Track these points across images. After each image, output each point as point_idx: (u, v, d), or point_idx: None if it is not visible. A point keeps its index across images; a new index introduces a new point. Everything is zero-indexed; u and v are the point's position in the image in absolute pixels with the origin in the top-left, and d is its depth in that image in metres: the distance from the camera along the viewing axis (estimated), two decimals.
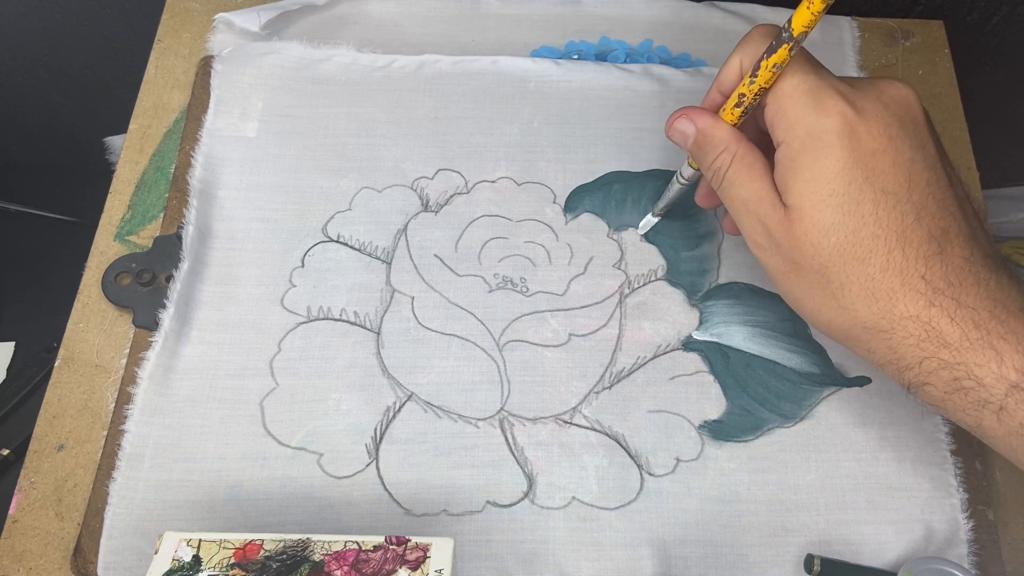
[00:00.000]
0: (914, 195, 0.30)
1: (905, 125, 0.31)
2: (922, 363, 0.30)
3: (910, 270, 0.30)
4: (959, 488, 0.37)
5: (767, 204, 0.32)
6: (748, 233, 0.33)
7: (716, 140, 0.34)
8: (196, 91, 0.46)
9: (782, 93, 0.31)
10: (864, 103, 0.31)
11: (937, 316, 0.30)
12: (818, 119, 0.30)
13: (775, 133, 0.32)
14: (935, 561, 0.34)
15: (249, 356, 0.39)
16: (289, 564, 0.29)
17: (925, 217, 0.30)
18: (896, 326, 0.30)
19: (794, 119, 0.31)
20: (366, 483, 0.37)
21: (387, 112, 0.46)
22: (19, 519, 0.37)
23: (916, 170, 0.31)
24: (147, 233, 0.44)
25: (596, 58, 0.49)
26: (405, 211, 0.43)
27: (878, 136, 0.30)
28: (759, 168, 0.33)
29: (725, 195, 0.34)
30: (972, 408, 0.30)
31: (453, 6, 0.51)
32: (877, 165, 0.30)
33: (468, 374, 0.39)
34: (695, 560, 0.36)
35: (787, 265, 0.32)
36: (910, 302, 0.30)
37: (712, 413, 0.39)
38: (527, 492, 0.37)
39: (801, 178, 0.31)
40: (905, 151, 0.31)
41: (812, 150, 0.30)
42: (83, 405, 0.39)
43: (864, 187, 0.30)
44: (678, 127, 0.35)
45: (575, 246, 0.43)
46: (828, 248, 0.30)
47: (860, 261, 0.30)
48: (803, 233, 0.31)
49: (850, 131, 0.30)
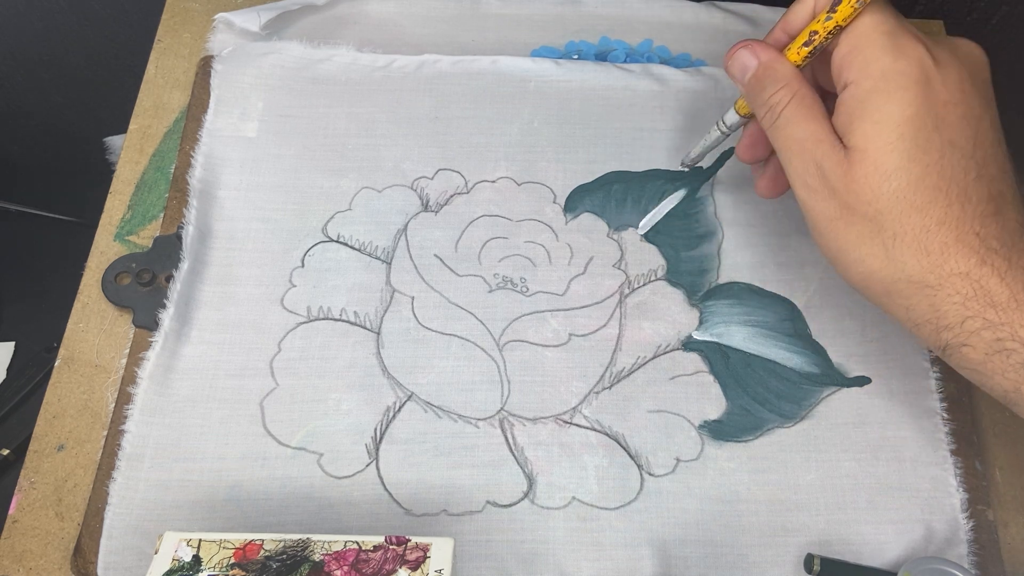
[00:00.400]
0: (978, 152, 0.30)
1: (977, 83, 0.31)
2: (964, 322, 0.30)
3: (967, 226, 0.29)
4: (959, 488, 0.37)
5: (826, 144, 0.31)
6: (799, 174, 0.32)
7: (778, 75, 0.33)
8: (196, 91, 0.46)
9: (860, 32, 0.31)
10: (940, 54, 0.30)
11: (988, 275, 0.29)
12: (895, 61, 0.30)
13: (845, 73, 0.31)
14: (935, 561, 0.34)
15: (249, 356, 0.39)
16: (289, 564, 0.29)
17: (986, 176, 0.30)
18: (944, 282, 0.30)
19: (870, 58, 0.30)
20: (366, 483, 0.37)
21: (387, 112, 0.46)
22: (19, 519, 0.37)
23: (983, 128, 0.30)
24: (147, 233, 0.44)
25: (596, 58, 0.49)
26: (405, 211, 0.43)
27: (952, 88, 0.30)
28: (817, 109, 0.32)
29: (779, 134, 0.33)
30: (1012, 371, 0.29)
31: (453, 6, 0.51)
32: (948, 116, 0.30)
33: (468, 374, 0.39)
34: (695, 560, 0.36)
35: (838, 210, 0.31)
36: (962, 258, 0.29)
37: (712, 413, 0.39)
38: (527, 492, 0.37)
39: (869, 119, 0.30)
40: (975, 107, 0.30)
41: (885, 92, 0.30)
42: (83, 405, 0.39)
43: (933, 136, 0.29)
44: (739, 59, 0.34)
45: (575, 246, 0.43)
46: (888, 193, 0.30)
47: (918, 211, 0.29)
48: (863, 176, 0.30)
49: (926, 78, 0.30)
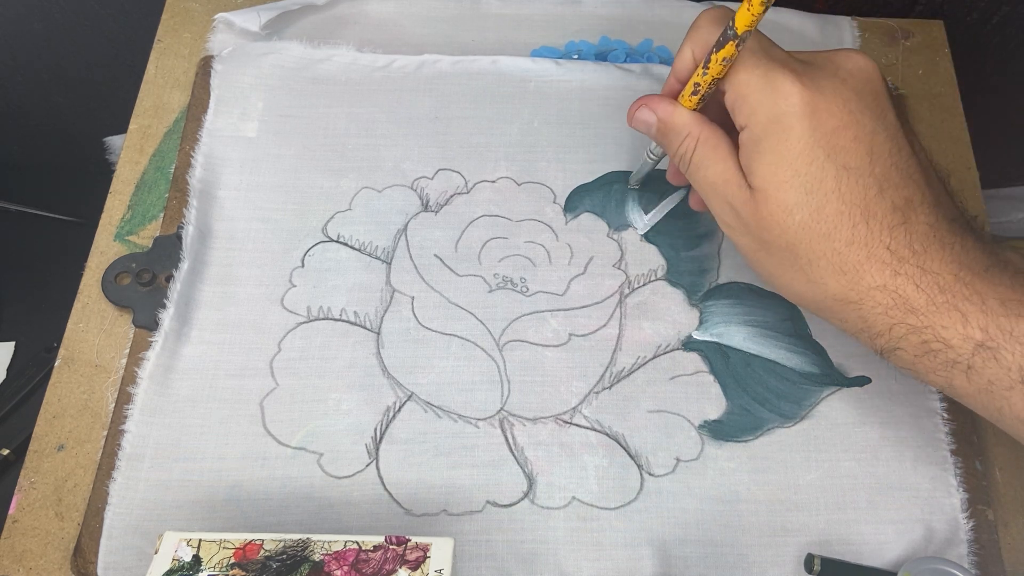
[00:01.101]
0: (876, 168, 0.31)
1: (864, 97, 0.31)
2: (891, 329, 0.31)
3: (875, 242, 0.30)
4: (959, 488, 0.37)
5: (733, 186, 0.33)
6: (717, 213, 0.34)
7: (678, 127, 0.34)
8: (196, 91, 0.46)
9: (738, 81, 0.32)
10: (822, 80, 0.31)
11: (903, 284, 0.30)
12: (776, 102, 0.31)
13: (737, 118, 0.32)
14: (935, 561, 0.34)
15: (249, 356, 0.39)
16: (289, 564, 0.29)
17: (888, 188, 0.31)
18: (864, 297, 0.31)
19: (754, 104, 0.31)
20: (366, 483, 0.37)
21: (387, 112, 0.46)
22: (19, 519, 0.37)
23: (878, 142, 0.31)
24: (147, 233, 0.44)
25: (596, 58, 0.49)
26: (405, 211, 0.43)
27: (837, 112, 0.31)
28: (723, 150, 0.33)
29: (693, 178, 0.35)
30: (942, 369, 0.30)
31: (453, 6, 0.51)
32: (838, 142, 0.31)
33: (468, 374, 0.39)
34: (695, 560, 0.36)
35: (756, 244, 0.33)
36: (876, 273, 0.30)
37: (712, 413, 0.39)
38: (527, 492, 0.37)
39: (764, 161, 0.31)
40: (866, 124, 0.31)
41: (774, 133, 0.31)
42: (83, 405, 0.39)
43: (826, 165, 0.31)
44: (640, 116, 0.36)
45: (575, 246, 0.43)
46: (794, 227, 0.31)
47: (825, 237, 0.31)
48: (769, 214, 0.31)
49: (810, 111, 0.30)
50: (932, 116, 0.48)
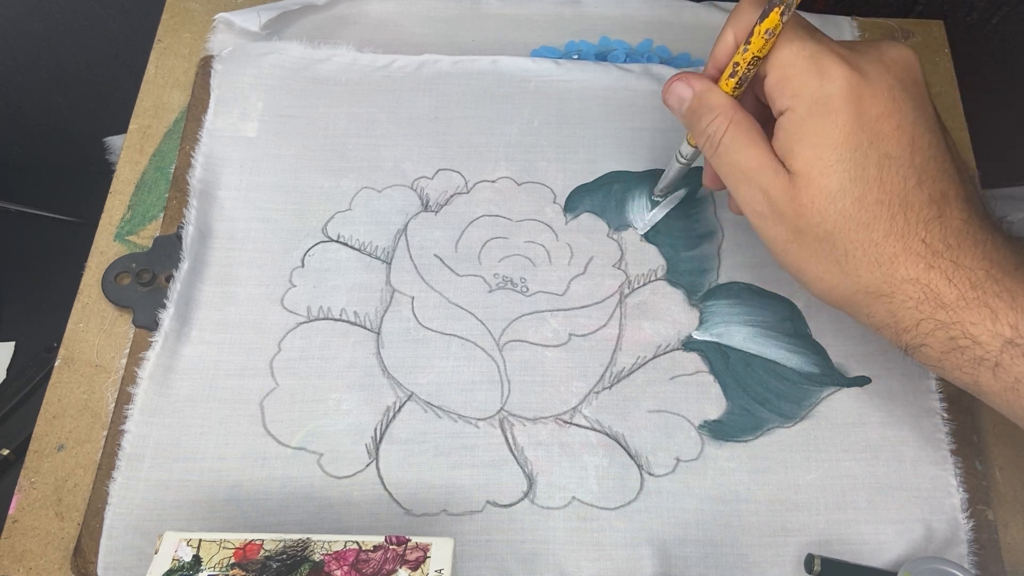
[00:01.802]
0: (916, 159, 0.30)
1: (907, 87, 0.31)
2: (919, 324, 0.31)
3: (911, 234, 0.30)
4: (959, 488, 0.37)
5: (769, 171, 0.32)
6: (747, 202, 0.33)
7: (712, 104, 0.34)
8: (196, 91, 0.46)
9: (783, 61, 0.31)
10: (867, 66, 0.31)
11: (936, 278, 0.30)
12: (823, 84, 0.30)
13: (778, 100, 0.32)
14: (935, 561, 0.34)
15: (249, 356, 0.39)
16: (289, 564, 0.29)
17: (926, 181, 0.30)
18: (896, 290, 0.31)
19: (798, 85, 0.31)
20: (366, 483, 0.37)
21: (387, 112, 0.46)
22: (19, 519, 0.37)
23: (918, 133, 0.31)
24: (147, 233, 0.44)
25: (596, 58, 0.49)
26: (405, 211, 0.43)
27: (882, 99, 0.30)
28: (756, 135, 0.33)
29: (721, 162, 0.33)
30: (968, 366, 0.30)
31: (453, 6, 0.51)
32: (881, 129, 0.30)
33: (468, 374, 0.39)
34: (695, 560, 0.36)
35: (790, 233, 0.32)
36: (911, 265, 0.30)
37: (712, 413, 0.39)
38: (527, 492, 0.37)
39: (807, 143, 0.31)
40: (908, 114, 0.31)
41: (818, 115, 0.30)
42: (83, 405, 0.39)
43: (869, 152, 0.30)
44: (675, 90, 0.35)
45: (575, 246, 0.43)
46: (834, 214, 0.31)
47: (865, 227, 0.30)
48: (809, 200, 0.31)
49: (855, 95, 0.30)
50: None
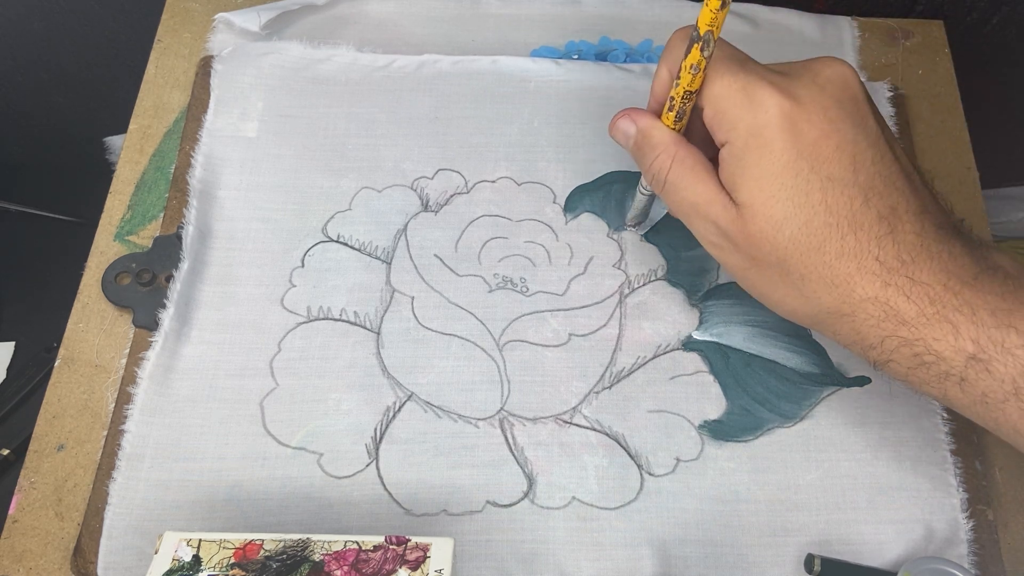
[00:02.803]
0: (860, 177, 0.30)
1: (844, 105, 0.31)
2: (883, 342, 0.31)
3: (864, 253, 0.30)
4: (959, 488, 0.37)
5: (717, 205, 0.32)
6: (702, 235, 0.34)
7: (654, 141, 0.34)
8: (196, 91, 0.46)
9: (716, 94, 0.31)
10: (800, 90, 0.31)
11: (893, 295, 0.30)
12: (756, 115, 0.30)
13: (717, 133, 0.32)
14: (935, 561, 0.34)
15: (249, 356, 0.39)
16: (289, 564, 0.29)
17: (873, 198, 0.30)
18: (856, 309, 0.31)
19: (734, 119, 0.31)
20: (366, 483, 0.37)
21: (387, 112, 0.46)
22: (19, 519, 0.37)
23: (860, 150, 0.31)
24: (147, 233, 0.44)
25: (596, 58, 0.49)
26: (405, 211, 0.43)
27: (818, 122, 0.30)
28: (701, 170, 0.33)
29: (670, 199, 0.34)
30: (935, 381, 0.30)
31: (453, 6, 0.51)
32: (821, 152, 0.30)
33: (468, 374, 0.39)
34: (695, 560, 0.36)
35: (746, 262, 0.32)
36: (867, 284, 0.30)
37: (712, 413, 0.39)
38: (527, 492, 0.37)
39: (749, 176, 0.31)
40: (847, 132, 0.31)
41: (756, 148, 0.31)
42: (83, 405, 0.39)
43: (811, 176, 0.30)
44: (620, 127, 0.36)
45: (575, 246, 0.43)
46: (784, 242, 0.31)
47: (816, 250, 0.30)
48: (758, 230, 0.31)
49: (790, 122, 0.30)
50: (932, 116, 0.48)
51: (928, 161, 0.47)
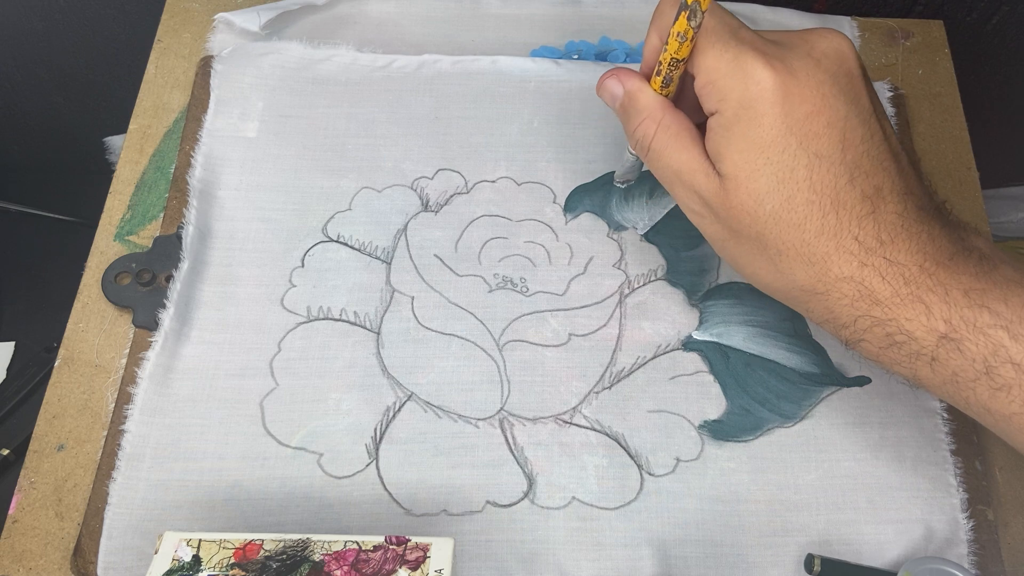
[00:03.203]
0: (848, 155, 0.30)
1: (839, 80, 0.31)
2: (856, 321, 0.31)
3: (844, 232, 0.30)
4: (959, 488, 0.37)
5: (700, 174, 0.32)
6: (683, 202, 0.34)
7: (640, 105, 0.34)
8: (196, 91, 0.46)
9: (707, 64, 0.31)
10: (795, 62, 0.30)
11: (869, 276, 0.30)
12: (747, 87, 0.30)
13: (706, 103, 0.32)
14: (935, 561, 0.34)
15: (249, 356, 0.39)
16: (289, 564, 0.29)
17: (859, 177, 0.30)
18: (831, 288, 0.31)
19: (724, 89, 0.31)
20: (366, 483, 0.37)
21: (387, 112, 0.46)
22: (19, 519, 0.37)
23: (850, 127, 0.30)
24: (147, 233, 0.44)
25: (596, 58, 0.49)
26: (405, 211, 0.43)
27: (811, 97, 0.30)
28: (686, 137, 0.32)
29: (653, 165, 0.34)
30: (907, 361, 0.30)
31: (453, 6, 0.51)
32: (811, 128, 0.30)
33: (468, 374, 0.39)
34: (695, 560, 0.36)
35: (725, 232, 0.32)
36: (844, 264, 0.30)
37: (712, 413, 0.39)
38: (527, 492, 0.37)
39: (735, 147, 0.31)
40: (839, 109, 0.30)
41: (744, 119, 0.30)
42: (83, 405, 0.39)
43: (798, 153, 0.30)
44: (608, 87, 0.35)
45: (575, 246, 0.43)
46: (764, 216, 0.31)
47: (795, 227, 0.30)
48: (739, 202, 0.31)
49: (782, 96, 0.30)
50: (932, 116, 0.48)
51: (928, 161, 0.47)
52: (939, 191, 0.33)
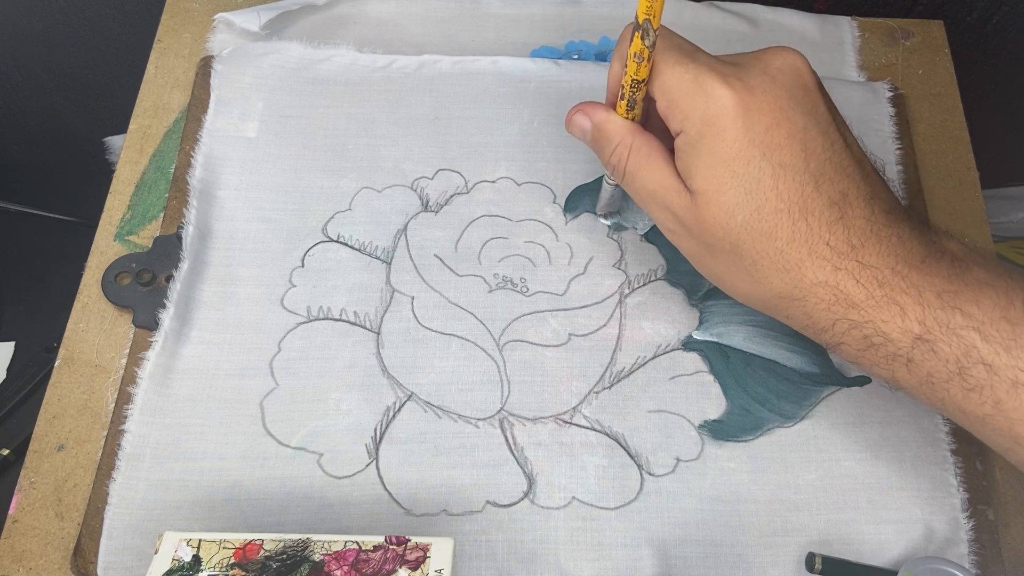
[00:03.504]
0: (811, 164, 0.31)
1: (795, 94, 0.31)
2: (834, 325, 0.31)
3: (815, 238, 0.31)
4: (959, 488, 0.37)
5: (672, 192, 0.33)
6: (659, 221, 0.34)
7: (610, 133, 0.34)
8: (196, 91, 0.46)
9: (667, 86, 0.32)
10: (751, 80, 0.31)
11: (843, 279, 0.30)
12: (708, 105, 0.31)
13: (671, 124, 0.33)
14: (935, 561, 0.34)
15: (249, 356, 0.39)
16: (289, 564, 0.29)
17: (824, 184, 0.31)
18: (807, 293, 0.31)
19: (686, 109, 0.31)
20: (366, 483, 0.37)
21: (387, 112, 0.46)
22: (19, 519, 0.37)
23: (810, 137, 0.31)
24: (147, 233, 0.44)
25: (596, 58, 0.49)
26: (405, 211, 0.43)
27: (769, 111, 0.31)
28: (658, 158, 0.33)
29: (629, 187, 0.35)
30: (884, 362, 0.31)
31: (453, 6, 0.51)
32: (772, 140, 0.31)
33: (468, 374, 0.39)
34: (695, 560, 0.36)
35: (701, 247, 0.33)
36: (817, 269, 0.31)
37: (712, 413, 0.39)
38: (527, 492, 0.37)
39: (702, 163, 0.31)
40: (798, 121, 0.31)
41: (708, 136, 0.31)
42: (83, 405, 0.39)
43: (763, 164, 0.31)
44: (576, 122, 0.36)
45: (575, 246, 0.43)
46: (736, 228, 0.31)
47: (767, 236, 0.31)
48: (711, 216, 0.32)
49: (742, 112, 0.31)
50: (932, 116, 0.48)
51: (928, 161, 0.47)
52: (939, 191, 0.33)
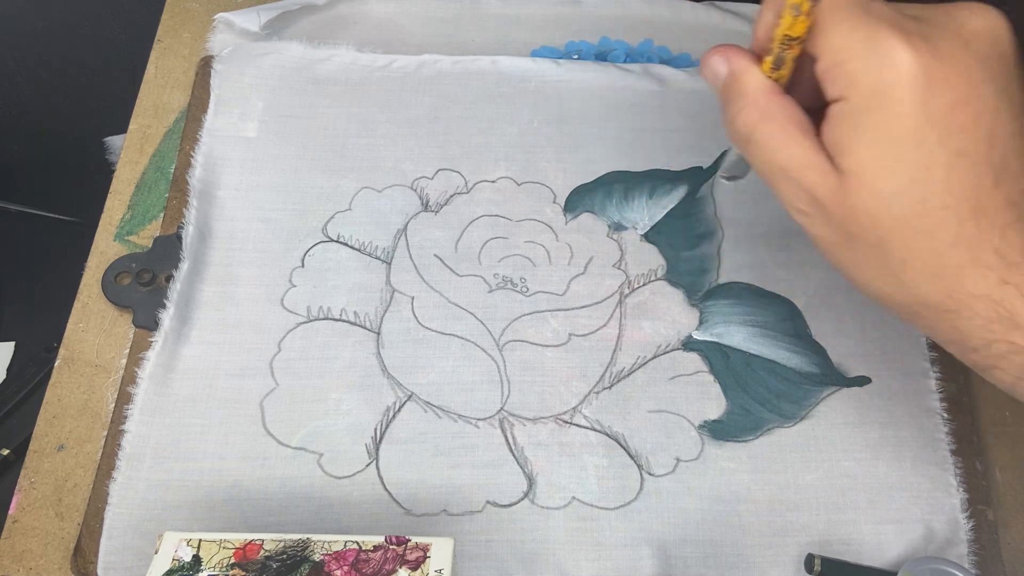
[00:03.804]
0: (995, 154, 0.26)
1: (990, 66, 0.26)
2: (990, 346, 0.27)
3: (983, 243, 0.26)
4: (959, 488, 0.37)
5: (814, 170, 0.27)
6: (789, 201, 0.29)
7: (743, 88, 0.29)
8: (196, 91, 0.46)
9: (834, 44, 0.26)
10: (939, 42, 0.26)
11: (1010, 295, 0.26)
12: (883, 72, 0.25)
13: (830, 88, 0.27)
14: (935, 561, 0.34)
15: (249, 356, 0.39)
16: (289, 564, 0.29)
17: (1005, 179, 0.26)
18: (962, 306, 0.27)
19: (854, 73, 0.26)
20: (366, 483, 0.37)
21: (387, 112, 0.46)
22: (19, 519, 0.37)
23: (1000, 122, 0.26)
24: (147, 233, 0.44)
25: (596, 58, 0.49)
26: (405, 211, 0.43)
27: (958, 85, 0.25)
28: (795, 129, 0.28)
29: (755, 160, 0.29)
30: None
31: (453, 6, 0.51)
32: (955, 121, 0.25)
33: (468, 374, 0.39)
34: (695, 560, 0.36)
35: (838, 236, 0.28)
36: (980, 279, 0.26)
37: (712, 413, 0.39)
38: (527, 492, 0.37)
39: (863, 140, 0.26)
40: (989, 100, 0.26)
41: (877, 108, 0.26)
42: (83, 405, 0.39)
43: (937, 150, 0.26)
44: (711, 64, 0.30)
45: (575, 246, 0.43)
46: (889, 220, 0.26)
47: (927, 234, 0.26)
48: (862, 203, 0.27)
49: (924, 83, 0.25)
50: None
51: None
52: None
